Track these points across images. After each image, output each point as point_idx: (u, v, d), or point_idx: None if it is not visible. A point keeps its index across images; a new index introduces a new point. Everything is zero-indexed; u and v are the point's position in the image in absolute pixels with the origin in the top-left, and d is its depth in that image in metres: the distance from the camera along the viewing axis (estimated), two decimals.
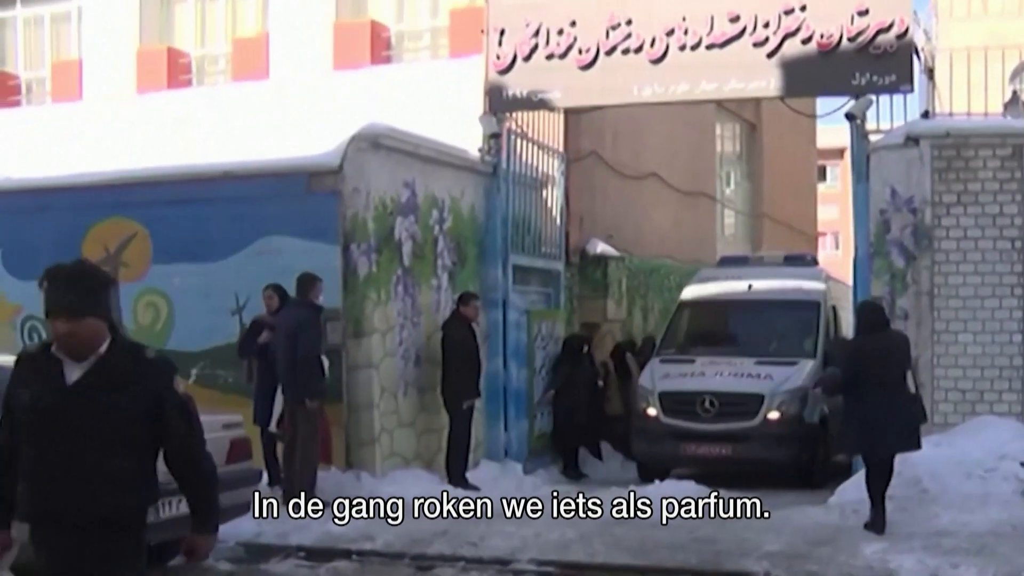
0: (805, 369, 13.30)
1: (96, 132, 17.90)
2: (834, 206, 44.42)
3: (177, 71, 18.77)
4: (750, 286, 14.63)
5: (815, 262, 15.60)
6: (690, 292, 15.36)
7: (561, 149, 15.28)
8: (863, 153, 12.05)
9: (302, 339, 10.15)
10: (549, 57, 12.92)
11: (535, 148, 14.43)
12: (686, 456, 13.20)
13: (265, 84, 17.37)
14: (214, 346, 11.82)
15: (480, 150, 13.44)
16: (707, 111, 20.67)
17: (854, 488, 10.23)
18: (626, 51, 12.66)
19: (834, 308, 14.78)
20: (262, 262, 11.44)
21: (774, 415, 12.83)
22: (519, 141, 13.97)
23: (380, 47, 17.07)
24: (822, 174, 43.14)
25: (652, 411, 13.32)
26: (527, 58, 12.99)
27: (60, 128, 18.46)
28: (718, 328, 15.28)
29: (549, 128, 14.81)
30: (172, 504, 7.46)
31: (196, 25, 19.37)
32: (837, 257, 42.37)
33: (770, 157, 24.92)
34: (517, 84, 13.14)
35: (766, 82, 12.33)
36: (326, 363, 10.70)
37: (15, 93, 20.62)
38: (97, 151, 16.75)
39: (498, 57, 13.14)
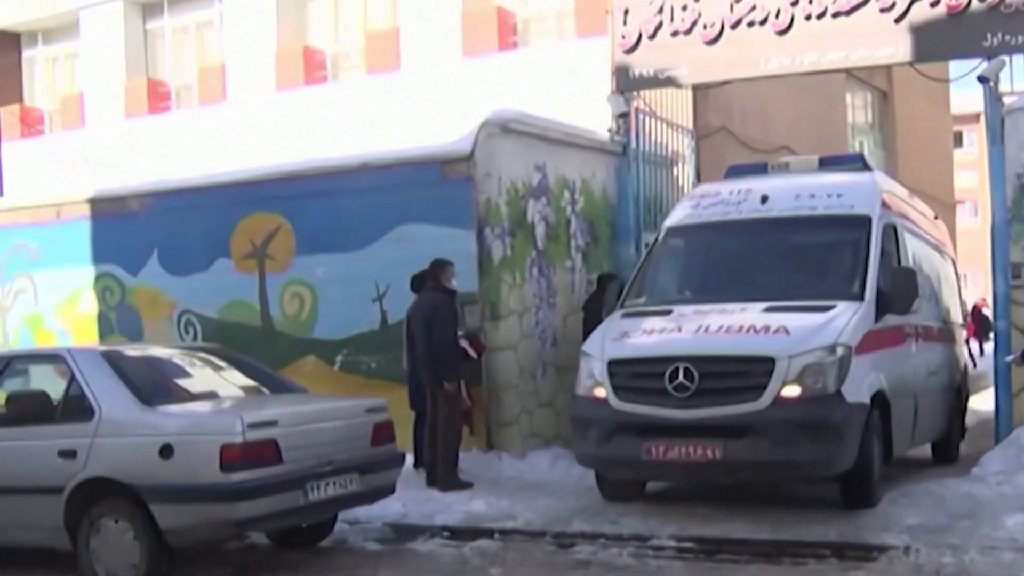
0: (848, 317, 8.55)
1: (239, 131, 18.29)
2: (972, 172, 42.93)
3: (313, 68, 19.08)
4: (764, 198, 9.80)
5: (867, 166, 10.50)
6: (678, 214, 10.45)
7: (690, 126, 15.02)
8: (997, 116, 11.48)
9: (437, 323, 10.16)
10: (674, 34, 12.66)
11: (664, 126, 14.18)
12: (650, 463, 8.43)
13: (397, 75, 17.51)
14: (357, 333, 11.92)
15: (609, 130, 13.26)
16: (836, 80, 20.06)
17: (1000, 458, 9.80)
18: (751, 24, 12.31)
19: (895, 229, 9.87)
20: (400, 250, 11.49)
21: (792, 390, 8.08)
22: (647, 120, 13.75)
23: (507, 33, 17.03)
24: (958, 140, 41.76)
25: (599, 391, 8.73)
26: (652, 36, 12.75)
27: (206, 130, 18.93)
28: (714, 263, 10.19)
29: (677, 105, 14.55)
30: (321, 486, 7.56)
31: (330, 22, 19.62)
32: (976, 224, 40.96)
33: (903, 125, 24.11)
34: (643, 63, 12.90)
35: (894, 48, 11.84)
36: (483, 340, 10.95)
37: (165, 99, 21.22)
38: (241, 149, 17.13)
39: (623, 36, 12.93)
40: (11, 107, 22.81)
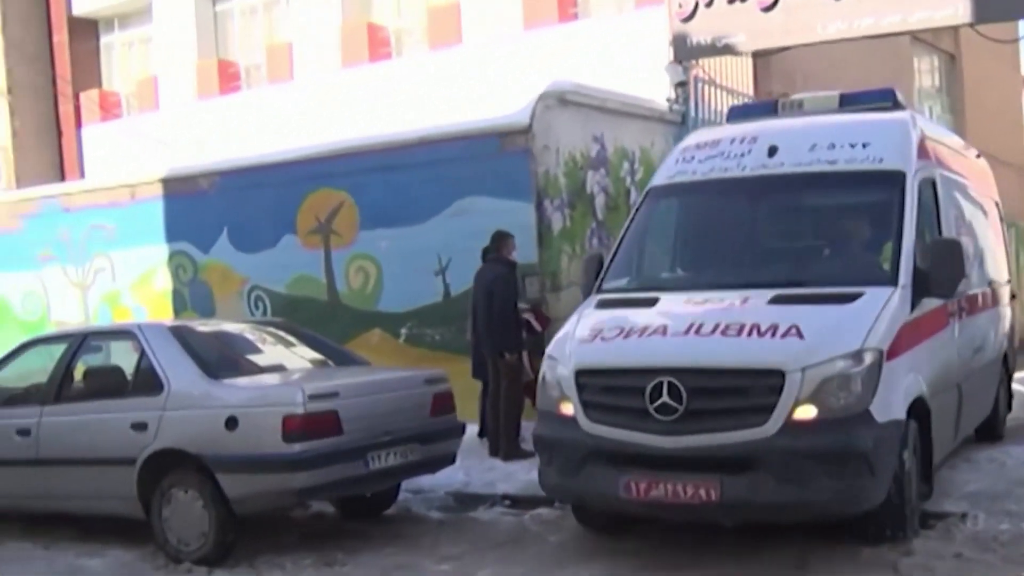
0: (877, 309, 6.65)
1: (307, 109, 18.44)
2: None
3: (377, 44, 19.12)
4: (772, 149, 7.75)
5: (898, 104, 8.26)
6: (667, 170, 8.34)
7: (751, 93, 14.86)
8: None
9: (497, 295, 10.17)
10: (731, 1, 12.53)
11: (724, 93, 14.04)
12: (629, 501, 6.59)
13: (459, 50, 17.49)
14: (421, 306, 12.01)
15: (668, 100, 13.17)
16: (902, 44, 19.67)
17: None
18: None
19: (935, 184, 7.85)
20: (460, 223, 11.53)
21: (807, 412, 6.27)
22: (707, 88, 13.63)
23: (567, 4, 16.94)
24: None
25: (566, 407, 6.86)
26: (709, 4, 12.64)
27: (275, 108, 19.10)
28: (710, 235, 8.25)
29: (738, 73, 14.41)
30: (381, 456, 7.66)
31: None
32: None
33: (972, 88, 23.57)
34: (701, 31, 12.80)
35: (954, 9, 11.59)
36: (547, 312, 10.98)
37: (235, 79, 21.43)
38: (308, 127, 17.27)
39: (680, 6, 12.83)
40: (90, 92, 23.22)
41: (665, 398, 6.40)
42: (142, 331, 8.31)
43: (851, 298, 6.73)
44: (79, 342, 8.82)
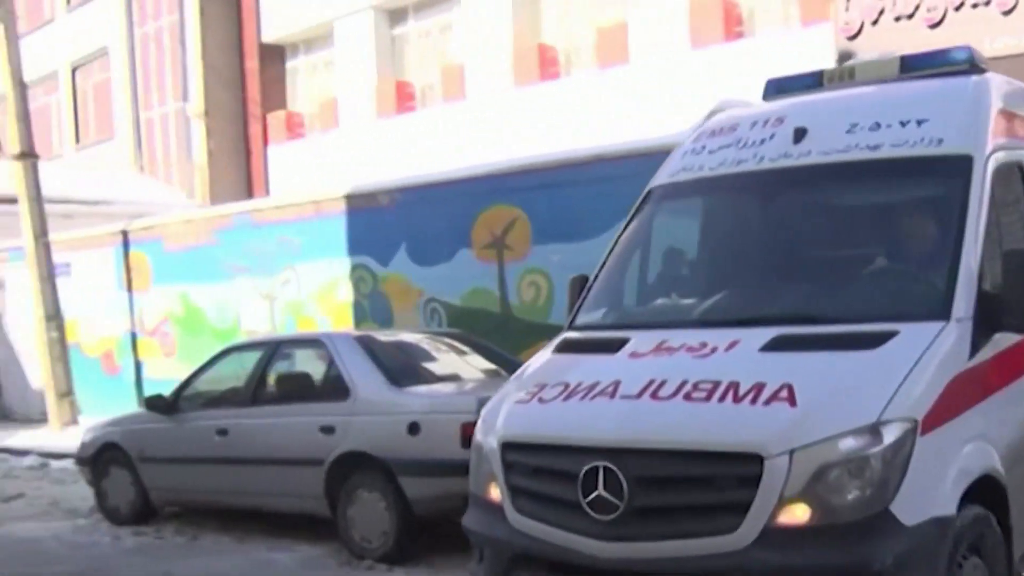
0: (913, 357, 4.56)
1: (479, 127, 18.77)
2: None
3: (547, 64, 19.35)
4: (800, 132, 5.66)
5: (977, 67, 5.94)
6: (671, 165, 6.37)
7: None
8: None
9: None
10: (897, 19, 12.28)
11: None
12: None
13: (626, 68, 17.56)
14: None
15: None
16: None
17: None
18: (975, 5, 11.81)
19: (1022, 171, 5.61)
20: None
21: (796, 513, 4.31)
22: None
23: (733, 23, 16.84)
24: None
25: (494, 491, 5.14)
26: (875, 22, 12.41)
27: (449, 126, 19.51)
28: (705, 250, 6.28)
29: None
30: None
31: (562, 19, 19.86)
32: None
33: None
34: (866, 48, 12.54)
35: None
36: None
37: (411, 99, 21.97)
38: (481, 144, 17.58)
39: (846, 23, 12.64)
40: (277, 113, 24.16)
41: (600, 490, 4.53)
42: (331, 340, 8.65)
43: (879, 340, 4.65)
44: (272, 350, 9.23)
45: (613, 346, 5.28)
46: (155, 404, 9.62)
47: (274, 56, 24.59)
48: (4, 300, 20.40)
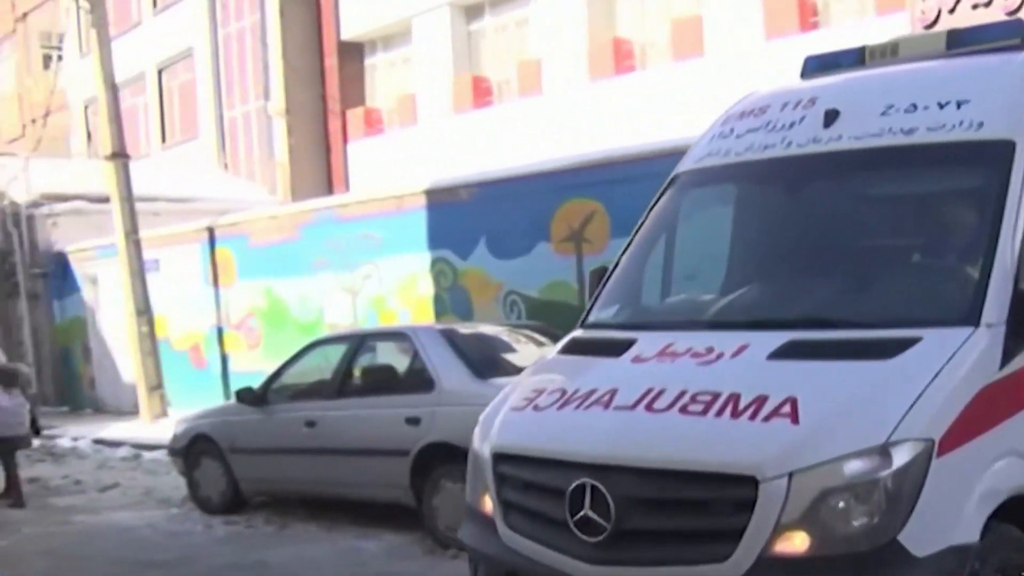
0: (932, 370, 4.06)
1: (556, 121, 18.78)
2: None
3: (622, 57, 19.29)
4: (831, 115, 5.09)
5: None
6: (697, 151, 5.81)
7: None
8: None
9: None
10: (974, 7, 12.01)
11: None
12: None
13: (701, 61, 17.45)
14: None
15: None
16: None
17: None
18: None
19: None
20: None
21: (795, 542, 3.91)
22: None
23: (808, 14, 16.65)
24: None
25: (487, 503, 4.88)
26: (952, 10, 12.13)
27: (526, 121, 19.56)
28: (725, 244, 5.77)
29: None
30: None
31: (637, 12, 19.79)
32: None
33: None
34: None
35: None
36: None
37: (488, 94, 22.05)
38: (558, 138, 17.60)
39: (922, 12, 12.40)
40: (356, 110, 24.40)
41: (587, 510, 4.20)
42: (415, 333, 8.76)
43: (897, 348, 4.17)
44: (358, 343, 9.38)
45: (618, 348, 4.87)
46: (245, 397, 9.82)
47: (353, 53, 24.83)
48: (97, 296, 20.93)
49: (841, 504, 3.87)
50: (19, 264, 22.16)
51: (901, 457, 3.85)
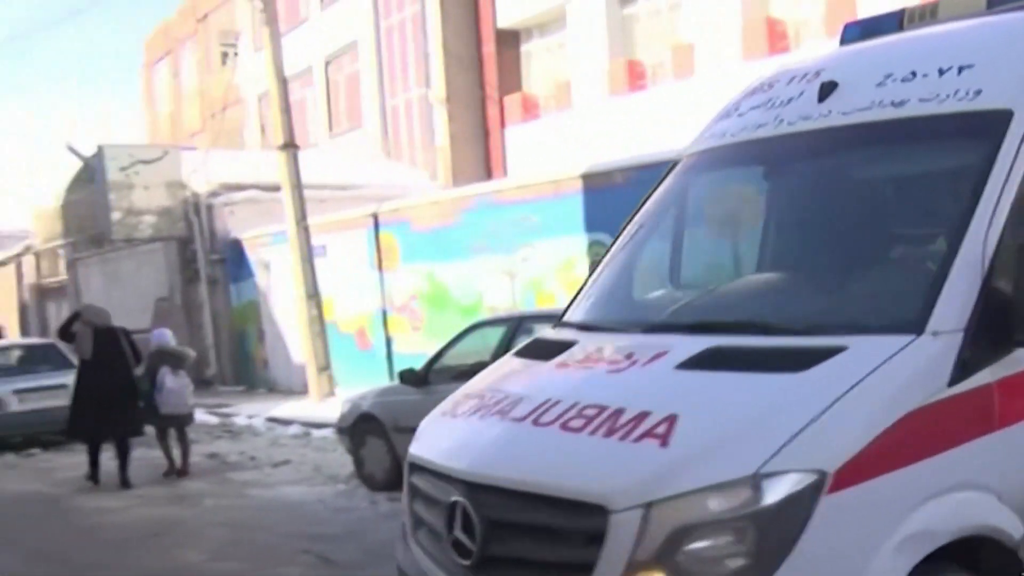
0: (847, 383, 3.36)
1: (710, 103, 18.48)
2: None
3: (776, 38, 18.87)
4: (827, 88, 4.33)
5: None
6: (700, 135, 5.10)
7: None
8: None
9: None
10: None
11: None
12: None
13: None
14: None
15: None
16: None
17: None
18: None
19: None
20: None
21: None
22: None
23: None
24: None
25: (407, 515, 4.46)
26: None
27: (679, 103, 19.33)
28: (699, 235, 5.35)
29: None
30: None
31: None
32: None
33: None
34: None
35: None
36: None
37: (642, 78, 21.88)
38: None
39: None
40: (513, 96, 24.55)
41: (457, 532, 3.80)
42: None
43: (813, 359, 3.51)
44: (516, 325, 9.46)
45: (554, 351, 4.39)
46: (408, 377, 10.02)
47: (509, 40, 24.97)
48: (269, 281, 21.67)
49: (700, 544, 3.23)
50: (199, 251, 23.15)
51: (776, 491, 3.19)
